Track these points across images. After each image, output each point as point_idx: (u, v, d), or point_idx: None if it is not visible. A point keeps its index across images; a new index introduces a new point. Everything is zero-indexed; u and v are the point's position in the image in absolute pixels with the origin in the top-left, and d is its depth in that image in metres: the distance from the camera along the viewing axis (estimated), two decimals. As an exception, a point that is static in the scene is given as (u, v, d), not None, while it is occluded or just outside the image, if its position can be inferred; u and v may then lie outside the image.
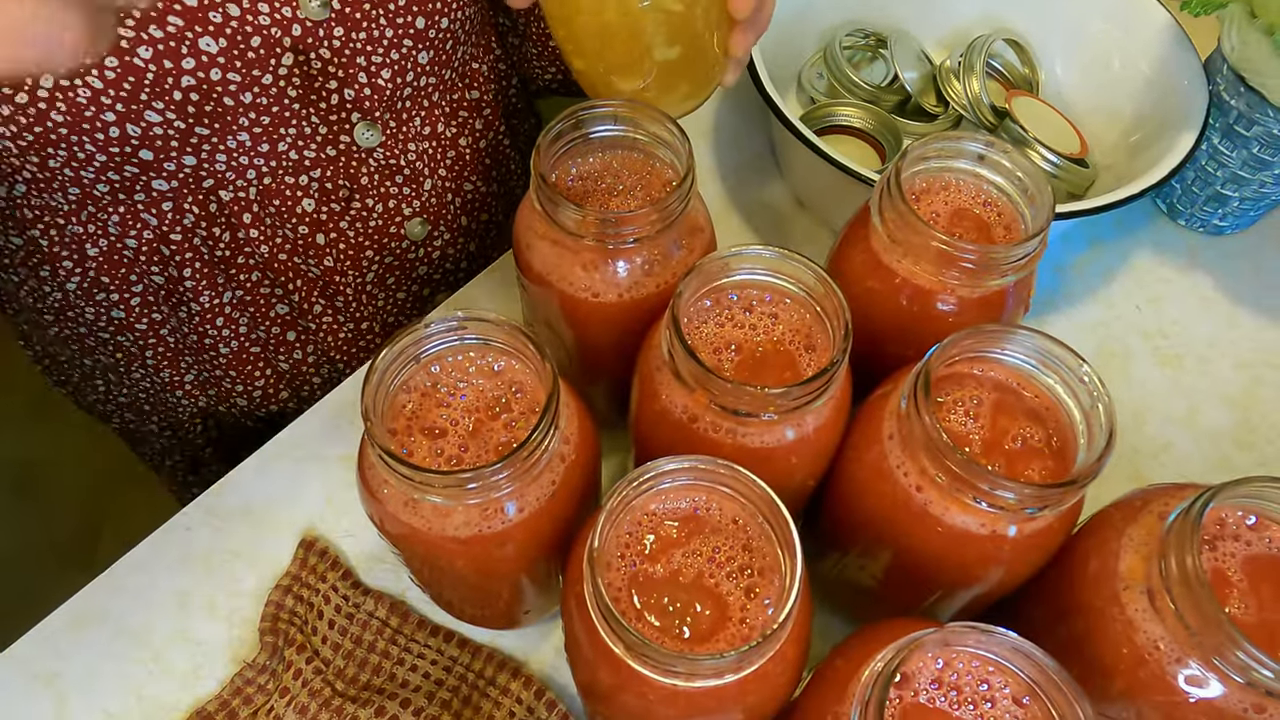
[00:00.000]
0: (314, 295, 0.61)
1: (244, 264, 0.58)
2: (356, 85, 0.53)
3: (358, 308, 0.64)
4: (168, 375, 0.64)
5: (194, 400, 0.67)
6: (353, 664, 0.49)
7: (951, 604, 0.42)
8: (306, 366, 0.66)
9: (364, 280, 0.62)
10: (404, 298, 0.66)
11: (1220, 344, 0.62)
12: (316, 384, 0.68)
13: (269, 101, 0.50)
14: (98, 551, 1.29)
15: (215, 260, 0.58)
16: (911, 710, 0.32)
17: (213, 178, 0.53)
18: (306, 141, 0.54)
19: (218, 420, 0.71)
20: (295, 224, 0.57)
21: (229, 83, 0.48)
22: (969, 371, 0.40)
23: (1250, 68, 0.57)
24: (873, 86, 0.69)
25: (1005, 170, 0.45)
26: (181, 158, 0.50)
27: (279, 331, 0.63)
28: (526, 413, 0.39)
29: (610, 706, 0.36)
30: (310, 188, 0.56)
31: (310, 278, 0.60)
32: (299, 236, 0.58)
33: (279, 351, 0.64)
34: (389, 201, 0.59)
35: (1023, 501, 0.35)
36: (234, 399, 0.66)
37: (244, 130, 0.51)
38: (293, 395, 0.68)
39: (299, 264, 0.59)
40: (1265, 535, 0.36)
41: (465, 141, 0.63)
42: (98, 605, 0.51)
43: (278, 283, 0.60)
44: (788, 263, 0.40)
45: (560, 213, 0.41)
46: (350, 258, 0.60)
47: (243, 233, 0.56)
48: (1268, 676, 0.30)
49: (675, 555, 0.35)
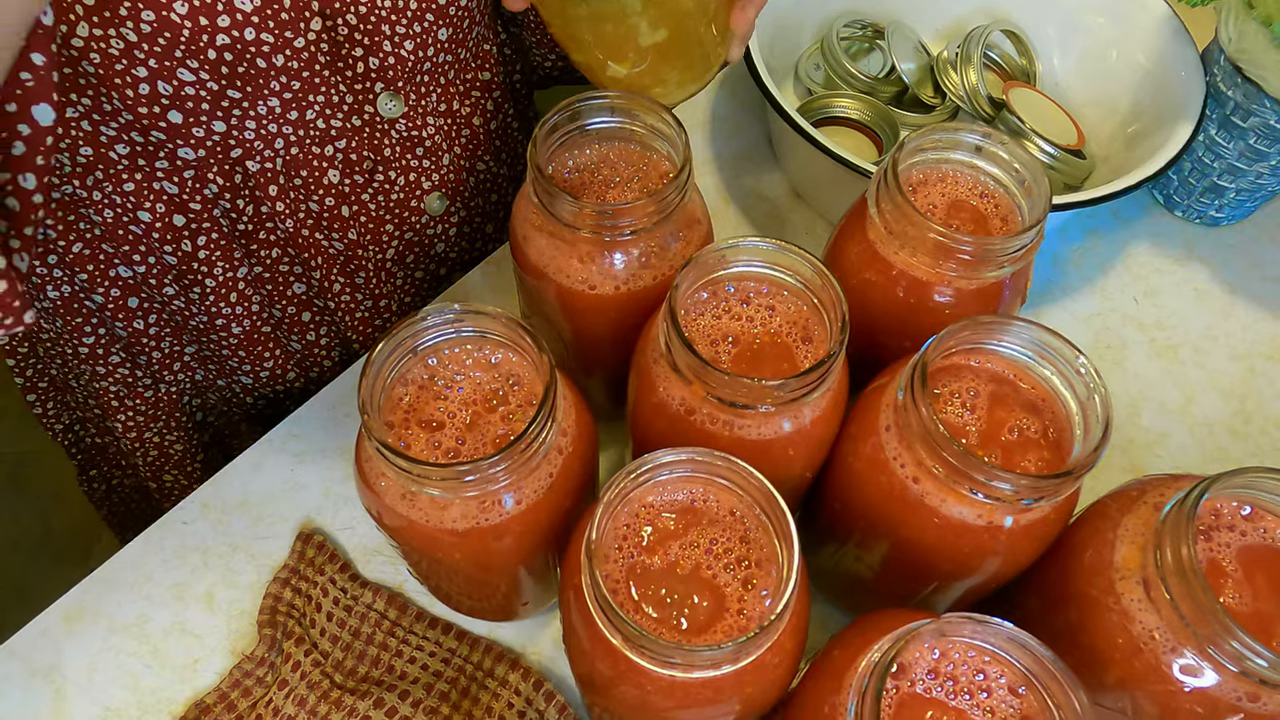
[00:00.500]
0: (334, 272, 0.62)
1: (265, 239, 0.59)
2: (381, 54, 0.53)
3: (377, 285, 0.64)
4: (169, 345, 0.64)
5: (190, 373, 0.66)
6: (351, 656, 0.49)
7: (948, 595, 0.42)
8: (319, 348, 0.67)
9: (384, 257, 0.63)
10: (422, 277, 0.67)
11: (1216, 335, 0.62)
12: (327, 366, 0.68)
13: (299, 66, 0.51)
14: (95, 546, 1.29)
15: (235, 235, 0.58)
16: (908, 700, 0.32)
17: (241, 147, 0.53)
18: (334, 110, 0.54)
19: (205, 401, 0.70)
20: (321, 196, 0.58)
21: (262, 43, 0.48)
22: (966, 363, 0.40)
23: (1247, 59, 0.57)
24: (870, 78, 0.69)
25: (1002, 162, 0.45)
26: (211, 123, 0.50)
27: (294, 311, 0.64)
28: (524, 405, 0.39)
29: (608, 698, 0.36)
30: (335, 159, 0.57)
31: (331, 254, 0.61)
32: (324, 209, 0.58)
33: (292, 332, 0.65)
34: (410, 175, 0.60)
35: (1019, 493, 0.35)
36: (237, 376, 0.66)
37: (274, 95, 0.51)
38: (300, 375, 0.68)
39: (321, 240, 0.60)
40: (1260, 525, 0.36)
41: (479, 121, 0.64)
42: (95, 599, 0.51)
43: (298, 259, 0.60)
44: (785, 255, 0.40)
45: (557, 205, 0.41)
46: (371, 232, 0.61)
47: (267, 206, 0.56)
48: (1261, 666, 0.31)
49: (673, 547, 0.35)
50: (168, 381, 0.67)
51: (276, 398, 0.70)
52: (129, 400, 0.67)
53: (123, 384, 0.66)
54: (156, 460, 0.72)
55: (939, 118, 0.69)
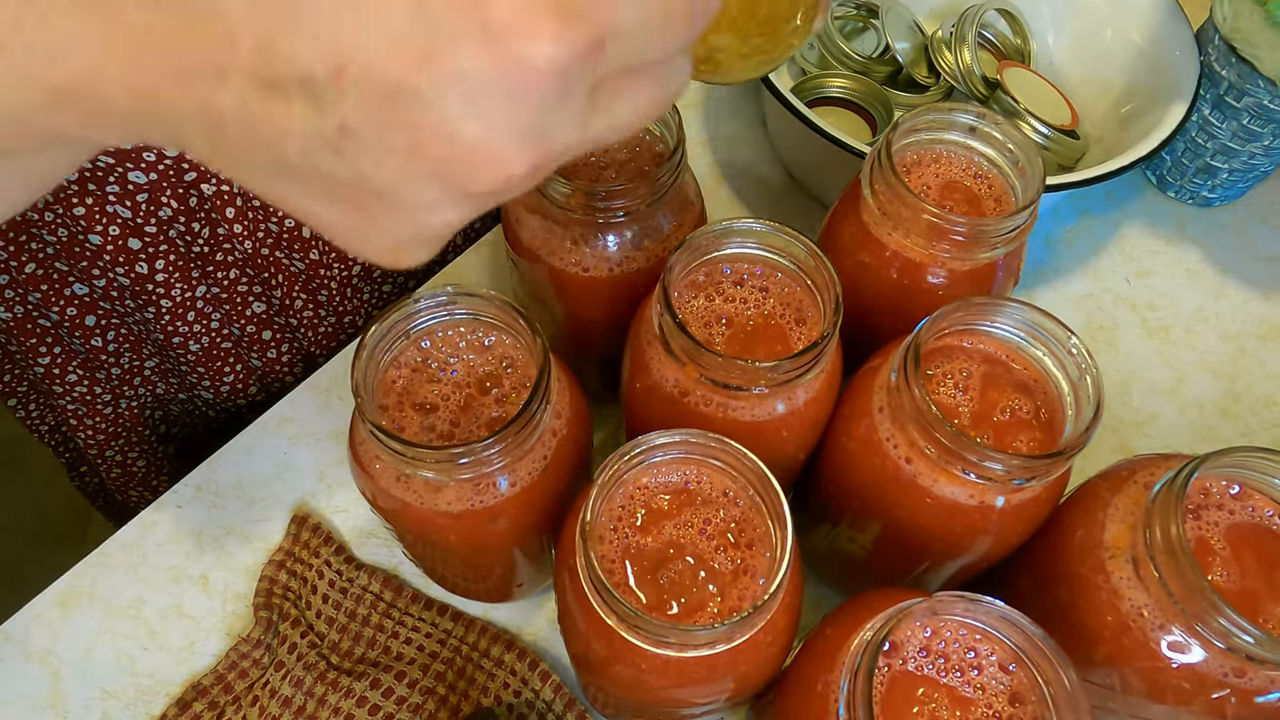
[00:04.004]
0: (295, 289, 0.60)
1: (222, 260, 0.57)
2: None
3: (341, 301, 0.62)
4: (128, 361, 0.62)
5: (150, 387, 0.64)
6: (347, 638, 0.49)
7: (940, 574, 0.43)
8: (280, 365, 0.65)
9: (349, 274, 0.61)
10: (390, 290, 0.65)
11: (1207, 316, 0.62)
12: (289, 381, 0.66)
13: None
14: (88, 530, 1.28)
15: (191, 256, 0.56)
16: (900, 678, 0.33)
17: (195, 170, 0.51)
18: None
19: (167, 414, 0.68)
20: (280, 216, 0.56)
21: None
22: (958, 344, 0.40)
23: (1242, 38, 0.57)
24: (864, 57, 0.68)
25: (996, 142, 0.45)
26: (162, 147, 0.49)
27: (254, 330, 0.62)
28: (518, 387, 0.39)
29: (603, 677, 0.36)
30: None
31: (293, 273, 0.59)
32: (283, 230, 0.57)
33: (252, 349, 0.63)
34: None
35: (1011, 473, 0.35)
36: (198, 390, 0.64)
37: None
38: (262, 390, 0.66)
39: (281, 258, 0.58)
40: (1249, 504, 0.36)
41: None
42: (90, 582, 0.51)
43: (258, 279, 0.59)
44: (778, 236, 0.40)
45: (549, 187, 0.41)
46: (335, 250, 0.59)
47: (224, 228, 0.55)
48: (1248, 642, 0.31)
49: (667, 528, 0.35)
50: (128, 397, 0.65)
51: (239, 411, 0.68)
52: (88, 419, 0.65)
53: (81, 402, 0.64)
54: (120, 478, 0.71)
55: (933, 98, 0.68)
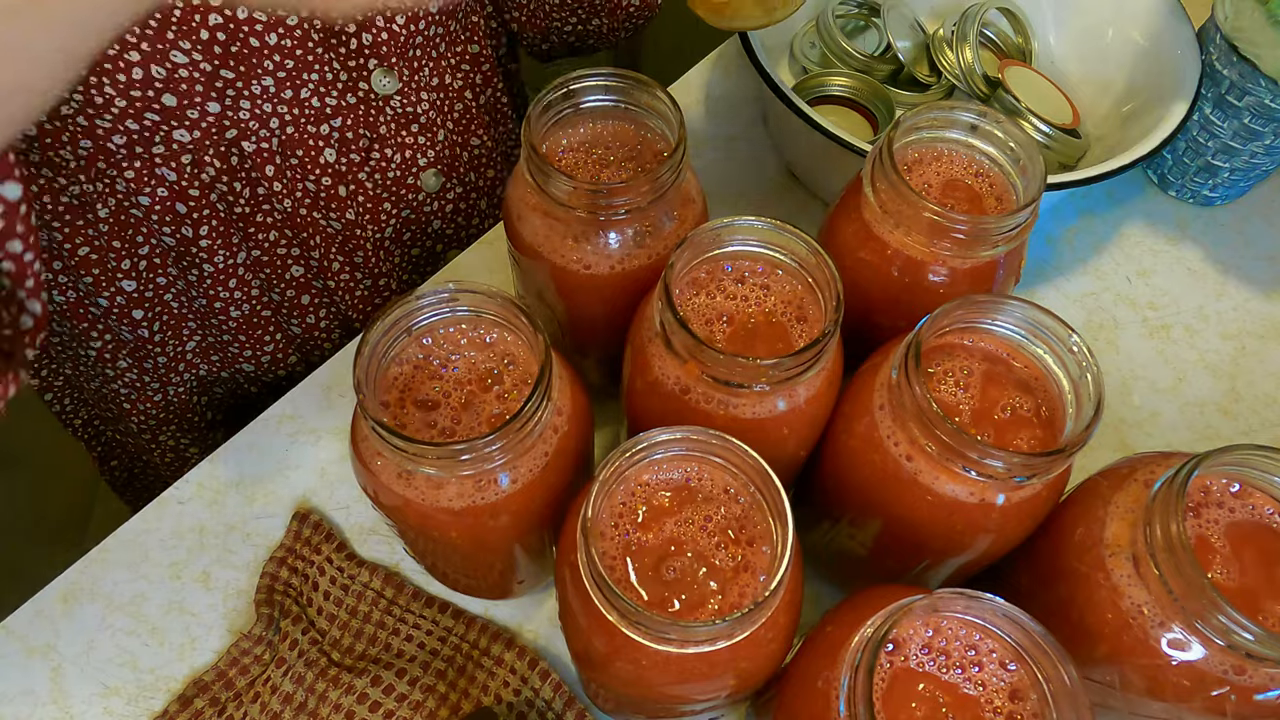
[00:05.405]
0: (333, 251, 0.62)
1: (263, 221, 0.58)
2: (374, 30, 0.53)
3: (376, 263, 0.64)
4: (173, 349, 0.63)
5: (194, 370, 0.66)
6: (348, 634, 0.49)
7: (941, 571, 0.43)
8: (319, 331, 0.67)
9: (382, 236, 0.63)
10: (419, 254, 0.67)
11: (1208, 315, 0.62)
12: (328, 349, 0.68)
13: (293, 44, 0.50)
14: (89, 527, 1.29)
15: (233, 218, 0.57)
16: (901, 675, 0.33)
17: (236, 127, 0.52)
18: (329, 88, 0.54)
19: (213, 398, 0.70)
20: (318, 175, 0.57)
21: (255, 21, 0.48)
22: (959, 342, 0.40)
23: (1243, 37, 0.57)
24: (866, 56, 0.68)
25: (997, 140, 0.45)
26: (205, 104, 0.50)
27: (294, 295, 0.63)
28: (519, 384, 0.39)
29: (605, 674, 0.36)
30: (331, 137, 0.57)
31: (330, 233, 0.61)
32: (321, 189, 0.58)
33: (292, 315, 0.65)
34: (405, 151, 0.60)
35: (1011, 470, 0.35)
36: (239, 364, 0.66)
37: (268, 74, 0.51)
38: (301, 360, 0.68)
39: (319, 219, 0.60)
40: (1248, 502, 0.36)
41: (470, 95, 0.64)
42: (92, 578, 0.51)
43: (296, 240, 0.60)
44: (780, 234, 0.40)
45: (551, 184, 0.41)
46: (370, 211, 0.61)
47: (264, 187, 0.56)
48: (1248, 639, 0.31)
49: (668, 524, 0.35)
50: (175, 384, 0.67)
51: (279, 385, 0.70)
52: (140, 404, 0.67)
53: (132, 387, 0.66)
54: (174, 463, 0.72)
55: (935, 96, 0.68)
